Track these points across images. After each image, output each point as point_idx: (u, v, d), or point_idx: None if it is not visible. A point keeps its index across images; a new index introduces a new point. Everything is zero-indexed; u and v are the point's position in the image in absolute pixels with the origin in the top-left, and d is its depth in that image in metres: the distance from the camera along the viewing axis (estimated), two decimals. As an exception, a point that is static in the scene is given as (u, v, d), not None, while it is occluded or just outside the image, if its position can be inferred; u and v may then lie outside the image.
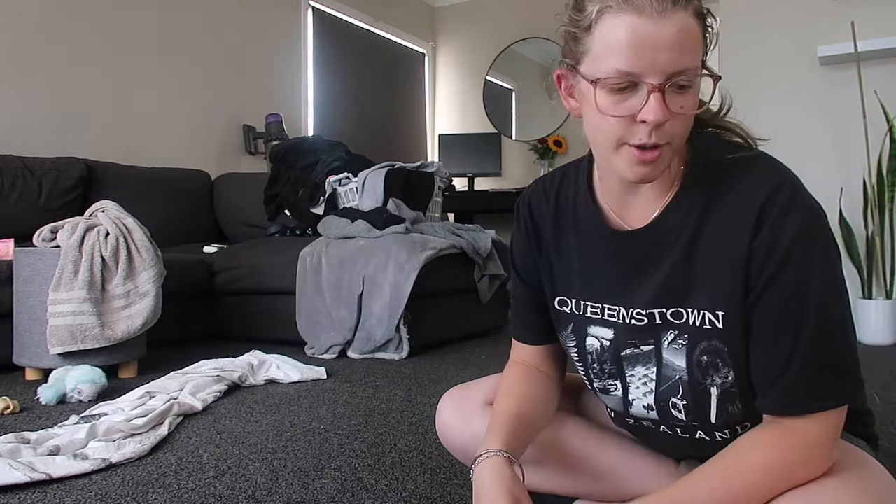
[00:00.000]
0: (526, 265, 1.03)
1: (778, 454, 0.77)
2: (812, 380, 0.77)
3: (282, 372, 2.35)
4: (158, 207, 3.53)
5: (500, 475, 0.85)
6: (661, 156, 0.77)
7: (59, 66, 3.48)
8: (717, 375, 0.84)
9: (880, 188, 3.20)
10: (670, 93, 0.74)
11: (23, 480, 1.32)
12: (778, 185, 0.78)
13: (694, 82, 0.75)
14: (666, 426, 0.93)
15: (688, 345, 0.85)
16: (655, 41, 0.72)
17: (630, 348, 0.91)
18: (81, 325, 2.23)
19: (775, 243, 0.77)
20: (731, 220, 0.80)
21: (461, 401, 1.13)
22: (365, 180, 3.39)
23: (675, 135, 0.77)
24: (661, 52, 0.72)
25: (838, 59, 3.32)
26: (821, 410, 0.77)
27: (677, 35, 0.72)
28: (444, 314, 3.11)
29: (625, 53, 0.73)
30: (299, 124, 4.82)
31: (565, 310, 0.98)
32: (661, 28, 0.72)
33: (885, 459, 0.88)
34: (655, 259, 0.86)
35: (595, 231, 0.92)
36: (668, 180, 0.85)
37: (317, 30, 5.03)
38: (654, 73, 0.73)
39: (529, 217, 1.00)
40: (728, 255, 0.80)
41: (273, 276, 3.15)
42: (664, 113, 0.73)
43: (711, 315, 0.82)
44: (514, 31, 5.83)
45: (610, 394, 0.96)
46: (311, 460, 1.48)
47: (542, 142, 5.60)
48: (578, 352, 0.97)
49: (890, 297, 3.23)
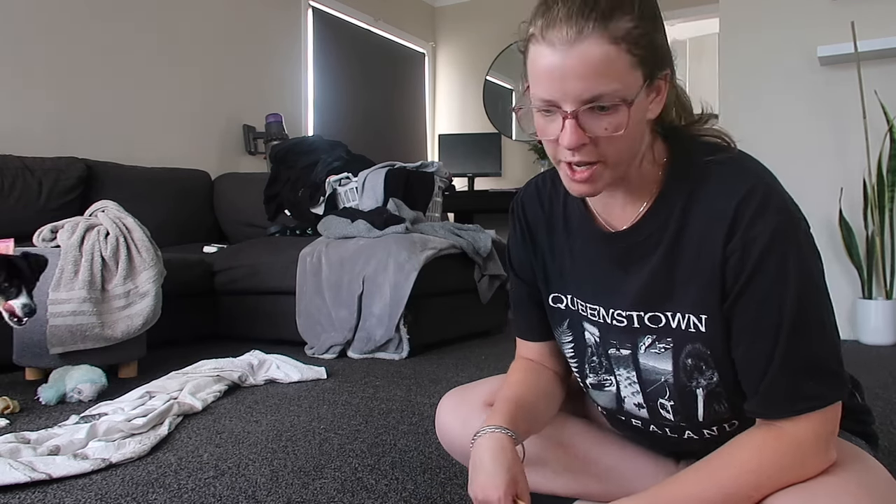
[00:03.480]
0: (522, 264, 1.04)
1: (767, 455, 0.77)
2: (791, 382, 0.77)
3: (282, 372, 2.35)
4: (158, 207, 3.53)
5: (501, 450, 0.86)
6: (593, 174, 0.79)
7: (59, 66, 3.48)
8: (703, 377, 0.85)
9: (880, 188, 3.20)
10: (590, 116, 0.75)
11: (23, 480, 1.32)
12: (752, 187, 0.78)
13: (617, 105, 0.75)
14: (655, 426, 0.94)
15: (673, 348, 0.86)
16: (564, 71, 0.74)
17: (613, 349, 0.92)
18: (81, 325, 2.23)
19: (749, 246, 0.77)
20: (708, 224, 0.80)
21: (460, 402, 1.13)
22: (365, 180, 3.39)
23: (607, 154, 0.78)
24: (569, 81, 0.74)
25: (838, 59, 3.32)
26: (805, 412, 0.77)
27: (586, 65, 0.73)
28: (444, 314, 3.11)
29: (542, 82, 0.76)
30: (299, 124, 4.83)
31: (560, 307, 0.99)
32: (569, 59, 0.74)
33: (884, 459, 0.88)
34: (637, 262, 0.87)
35: (584, 232, 0.93)
36: (647, 184, 0.86)
37: (317, 30, 5.04)
38: (567, 101, 0.75)
39: (523, 217, 1.01)
40: (707, 259, 0.81)
41: (273, 276, 3.15)
42: (577, 138, 0.76)
43: (695, 318, 0.83)
44: (515, 31, 5.81)
45: (604, 389, 0.96)
46: (311, 460, 1.48)
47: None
48: (575, 347, 0.98)
49: (890, 297, 3.23)
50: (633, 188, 0.86)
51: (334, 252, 2.99)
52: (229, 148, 4.39)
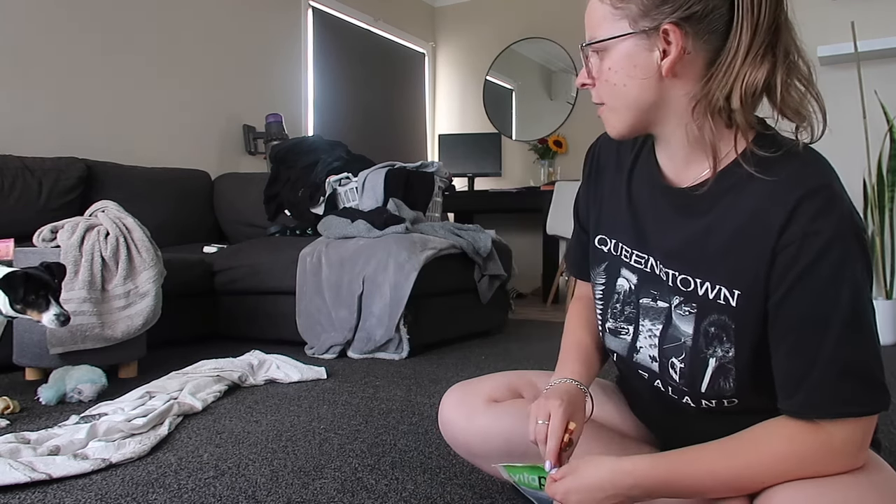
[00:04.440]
0: (582, 202, 1.09)
1: (796, 447, 0.78)
2: (836, 385, 0.77)
3: (282, 372, 2.35)
4: (158, 207, 3.52)
5: (567, 391, 0.96)
6: (602, 115, 0.91)
7: (59, 65, 3.48)
8: (720, 348, 0.86)
9: (880, 188, 3.20)
10: (593, 59, 0.88)
11: (23, 480, 1.32)
12: (821, 184, 0.78)
13: (604, 49, 0.85)
14: (661, 381, 0.95)
15: (696, 314, 0.87)
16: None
17: (648, 298, 0.94)
18: (81, 325, 2.23)
19: (810, 240, 0.76)
20: (764, 207, 0.80)
21: (464, 397, 1.14)
22: (365, 180, 3.39)
23: (603, 96, 0.89)
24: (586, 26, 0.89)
25: (838, 59, 3.32)
26: (846, 417, 0.77)
27: (588, 14, 0.88)
28: (444, 314, 3.11)
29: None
30: (299, 124, 4.83)
31: (603, 248, 1.02)
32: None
33: (886, 458, 0.88)
34: (682, 222, 0.89)
35: (648, 180, 0.95)
36: (712, 149, 0.85)
37: (317, 30, 5.03)
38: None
39: (597, 156, 1.06)
40: (755, 241, 0.80)
41: (273, 276, 3.15)
42: (581, 76, 0.90)
43: (727, 292, 0.84)
44: (514, 31, 5.83)
45: (619, 336, 0.99)
46: (311, 460, 1.48)
47: (542, 142, 5.60)
48: (605, 290, 1.01)
49: (890, 297, 3.23)
50: (694, 149, 0.87)
51: (334, 252, 2.99)
52: (229, 148, 4.39)
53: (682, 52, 0.81)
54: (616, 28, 0.84)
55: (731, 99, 0.80)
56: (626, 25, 0.82)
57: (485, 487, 1.30)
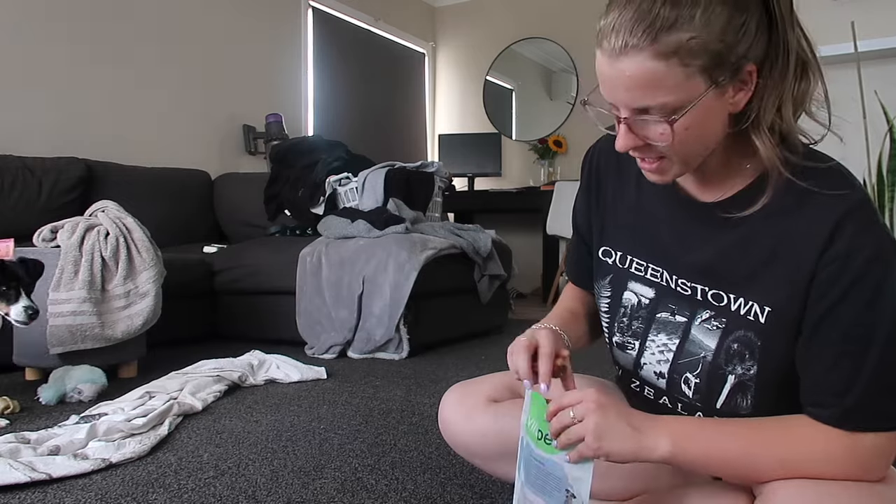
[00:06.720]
0: (581, 212, 1.07)
1: (822, 443, 0.78)
2: (876, 401, 0.77)
3: (282, 372, 2.35)
4: (158, 207, 3.52)
5: (550, 332, 0.92)
6: (661, 167, 0.82)
7: (60, 66, 3.48)
8: (741, 366, 0.85)
9: (880, 188, 3.20)
10: (642, 124, 0.77)
11: (23, 480, 1.32)
12: (860, 202, 0.77)
13: (668, 115, 0.75)
14: (669, 399, 0.93)
15: (724, 329, 0.86)
16: (613, 80, 0.76)
17: (667, 313, 0.92)
18: (81, 325, 2.23)
19: (854, 256, 0.76)
20: (802, 225, 0.79)
21: (464, 397, 1.14)
22: (365, 180, 3.39)
23: (668, 154, 0.80)
24: (618, 91, 0.76)
25: (838, 59, 3.32)
26: (881, 430, 0.77)
27: (630, 78, 0.74)
28: (444, 314, 3.11)
29: (600, 83, 0.79)
30: (299, 124, 4.82)
31: (607, 260, 1.00)
32: (616, 70, 0.75)
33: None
34: (712, 236, 0.87)
35: (660, 192, 0.92)
36: (751, 170, 0.84)
37: (317, 30, 5.03)
38: (620, 107, 0.78)
39: (595, 164, 1.03)
40: (793, 257, 0.79)
41: (273, 276, 3.15)
42: (626, 143, 0.79)
43: (758, 308, 0.83)
44: (514, 31, 5.83)
45: (625, 351, 0.98)
46: (311, 460, 1.48)
47: (542, 142, 5.60)
48: (611, 303, 0.99)
49: (890, 297, 3.23)
50: (741, 169, 0.84)
51: (334, 252, 2.99)
52: (229, 148, 4.39)
53: (757, 85, 0.77)
54: (692, 87, 0.74)
55: (783, 112, 0.79)
56: (702, 81, 0.74)
57: (485, 487, 1.30)
